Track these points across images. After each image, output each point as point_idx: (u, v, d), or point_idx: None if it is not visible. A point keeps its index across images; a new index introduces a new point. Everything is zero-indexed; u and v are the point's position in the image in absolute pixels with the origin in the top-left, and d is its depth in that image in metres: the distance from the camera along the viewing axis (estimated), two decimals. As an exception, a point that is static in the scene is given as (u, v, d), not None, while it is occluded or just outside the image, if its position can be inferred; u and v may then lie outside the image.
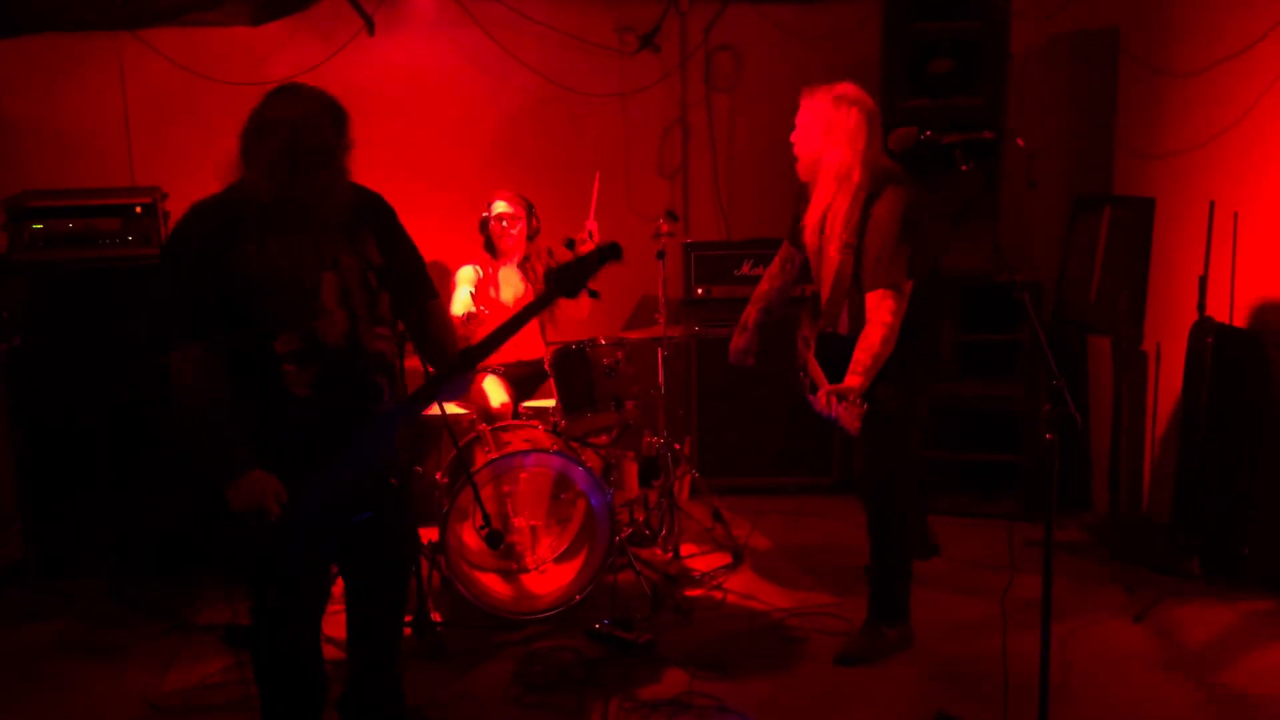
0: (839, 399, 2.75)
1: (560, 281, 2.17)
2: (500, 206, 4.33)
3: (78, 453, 3.90)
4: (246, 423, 2.24)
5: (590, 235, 4.15)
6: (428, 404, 2.29)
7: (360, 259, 2.35)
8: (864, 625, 3.32)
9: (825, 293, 3.15)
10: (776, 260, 3.44)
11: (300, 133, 2.19)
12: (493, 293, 4.31)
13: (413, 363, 2.52)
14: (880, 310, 2.91)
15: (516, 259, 4.39)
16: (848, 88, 3.02)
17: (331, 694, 2.64)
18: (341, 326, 2.30)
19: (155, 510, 3.89)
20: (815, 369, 3.12)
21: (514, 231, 4.32)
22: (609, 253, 2.16)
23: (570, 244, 2.85)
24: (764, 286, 3.46)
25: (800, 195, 3.22)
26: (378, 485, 2.45)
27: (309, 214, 2.23)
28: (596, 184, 4.28)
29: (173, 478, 3.83)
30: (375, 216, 2.44)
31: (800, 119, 3.08)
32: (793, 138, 3.12)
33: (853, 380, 2.84)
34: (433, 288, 2.52)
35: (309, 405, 2.27)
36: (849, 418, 2.74)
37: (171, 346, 2.20)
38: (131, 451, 3.89)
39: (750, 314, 3.44)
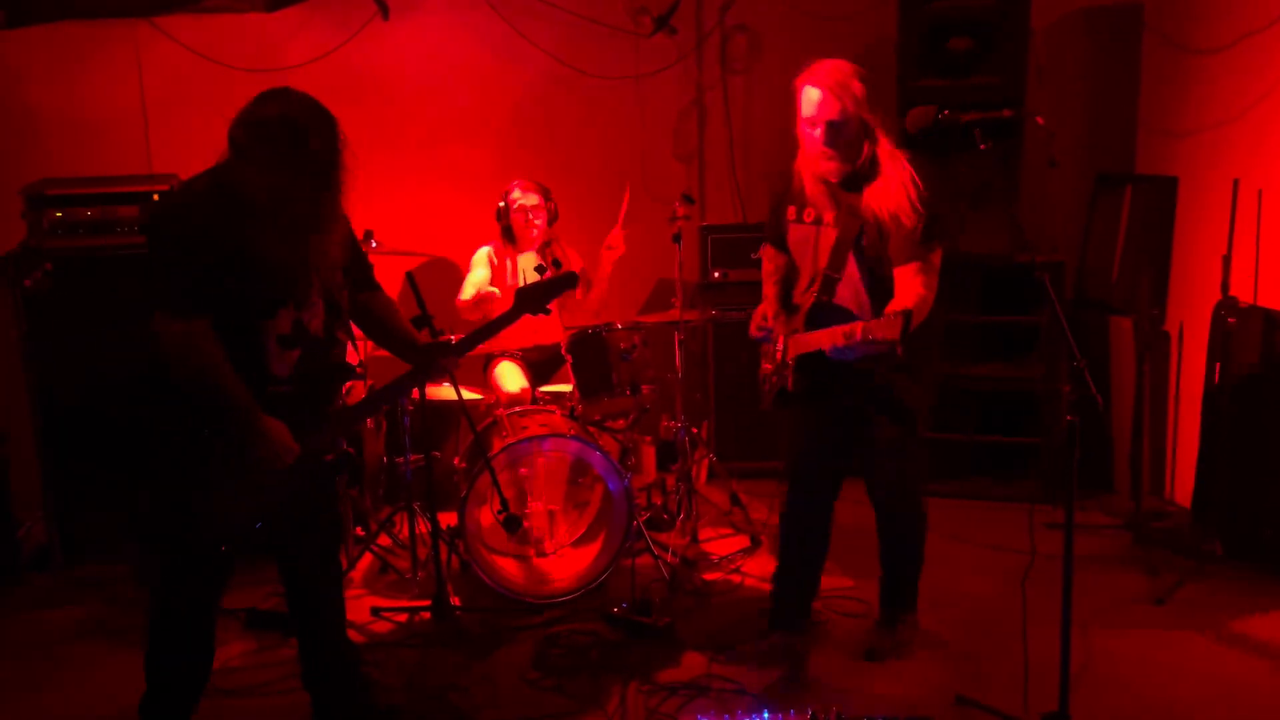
0: (865, 334, 2.59)
1: (526, 301, 2.72)
2: (524, 199, 4.28)
3: (101, 438, 3.93)
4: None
5: (610, 247, 4.23)
6: (402, 395, 2.66)
7: (334, 256, 2.47)
8: (884, 617, 3.27)
9: (816, 282, 2.96)
10: (769, 280, 3.20)
11: (306, 138, 2.27)
12: (509, 279, 4.30)
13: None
14: (915, 282, 2.78)
15: (537, 246, 4.38)
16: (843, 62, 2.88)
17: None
18: (321, 317, 2.45)
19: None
20: (812, 336, 2.89)
21: (538, 222, 4.30)
22: (566, 282, 2.78)
23: (540, 269, 2.98)
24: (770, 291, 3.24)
25: (787, 189, 3.02)
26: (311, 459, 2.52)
27: (307, 212, 2.31)
28: (627, 196, 4.28)
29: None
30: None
31: (841, 102, 2.79)
32: (828, 115, 2.79)
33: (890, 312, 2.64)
34: (376, 282, 2.70)
35: (287, 383, 2.41)
36: (890, 331, 2.54)
37: (180, 319, 2.26)
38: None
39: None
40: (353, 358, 2.68)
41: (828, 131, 2.81)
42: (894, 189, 2.82)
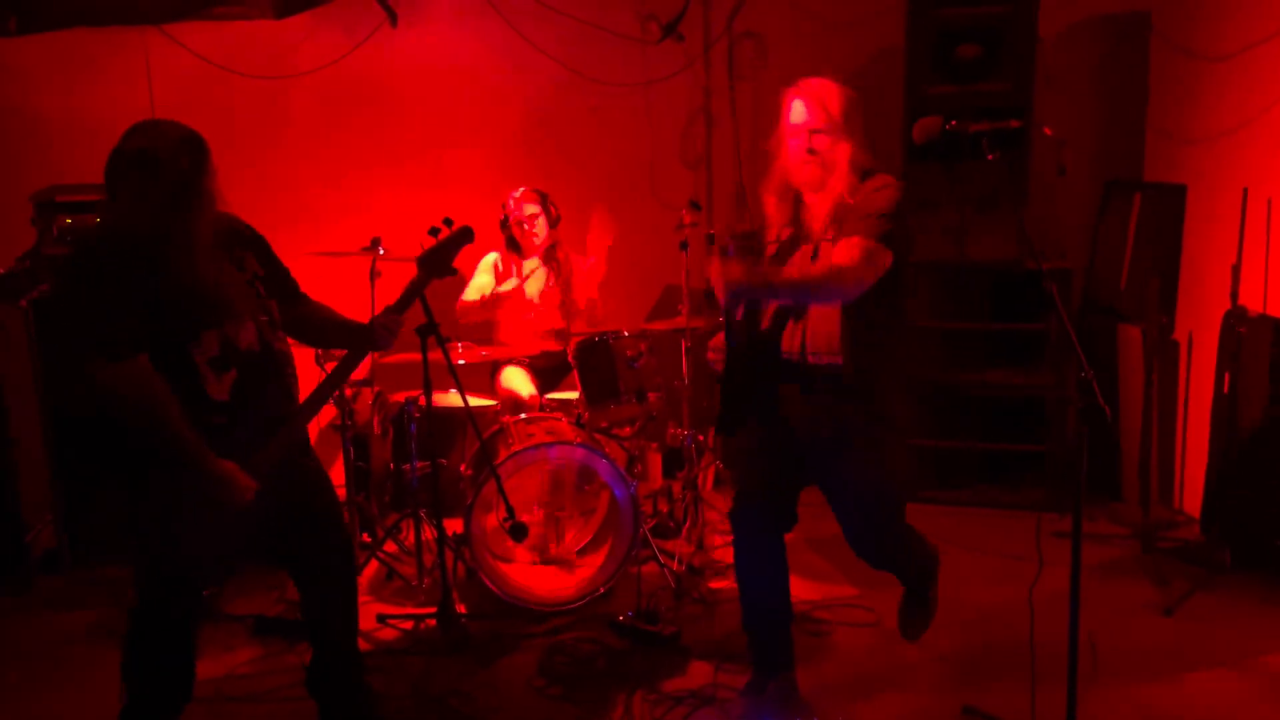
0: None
1: (429, 265, 2.69)
2: (523, 209, 4.32)
3: (107, 443, 3.93)
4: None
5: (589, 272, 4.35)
6: (349, 372, 2.64)
7: (248, 271, 2.50)
8: (909, 596, 3.14)
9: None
10: None
11: (161, 168, 2.29)
12: (513, 283, 4.32)
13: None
14: (850, 248, 2.61)
15: (541, 252, 4.40)
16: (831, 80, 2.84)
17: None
18: (252, 331, 2.44)
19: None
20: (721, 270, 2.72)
21: (538, 230, 4.33)
22: (463, 237, 2.73)
23: (434, 231, 2.87)
24: None
25: (751, 224, 2.95)
26: (294, 469, 2.53)
27: (192, 237, 2.33)
28: (595, 220, 4.33)
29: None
30: (246, 235, 2.57)
31: (827, 113, 2.76)
32: (814, 125, 2.76)
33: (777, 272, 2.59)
34: (302, 292, 2.69)
35: (228, 409, 2.38)
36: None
37: (118, 360, 2.26)
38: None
39: None
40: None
41: (813, 140, 2.79)
42: (865, 204, 2.73)
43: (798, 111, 2.82)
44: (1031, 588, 2.66)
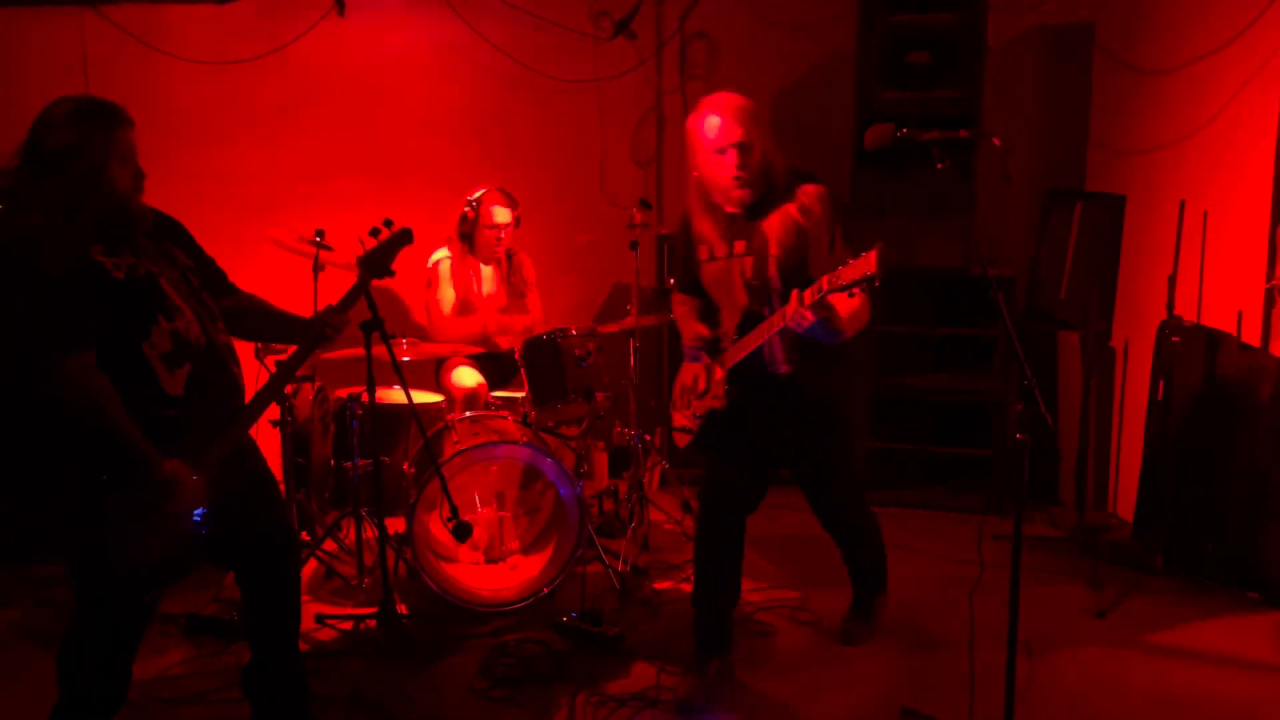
0: (831, 282, 2.56)
1: (370, 265, 2.68)
2: (499, 215, 4.16)
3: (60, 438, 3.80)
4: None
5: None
6: (294, 370, 2.60)
7: (177, 264, 2.45)
8: (857, 604, 3.36)
9: (737, 315, 2.96)
10: (688, 317, 3.14)
11: (42, 136, 2.25)
12: (475, 286, 4.24)
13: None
14: (851, 303, 2.74)
15: (500, 256, 4.29)
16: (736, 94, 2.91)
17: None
18: (195, 324, 2.39)
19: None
20: (761, 328, 2.86)
21: (508, 238, 4.23)
22: (402, 239, 2.74)
23: (374, 232, 2.87)
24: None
25: (687, 235, 3.04)
26: (238, 465, 2.48)
27: (118, 218, 2.29)
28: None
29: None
30: (170, 227, 2.52)
31: (744, 125, 2.82)
32: (733, 138, 2.80)
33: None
34: (234, 284, 2.65)
35: (182, 403, 2.34)
36: (863, 267, 2.52)
37: (65, 355, 2.20)
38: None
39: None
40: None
41: (739, 154, 2.82)
42: (795, 213, 2.84)
43: (711, 128, 2.85)
44: (972, 591, 2.70)
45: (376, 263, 2.70)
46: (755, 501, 3.11)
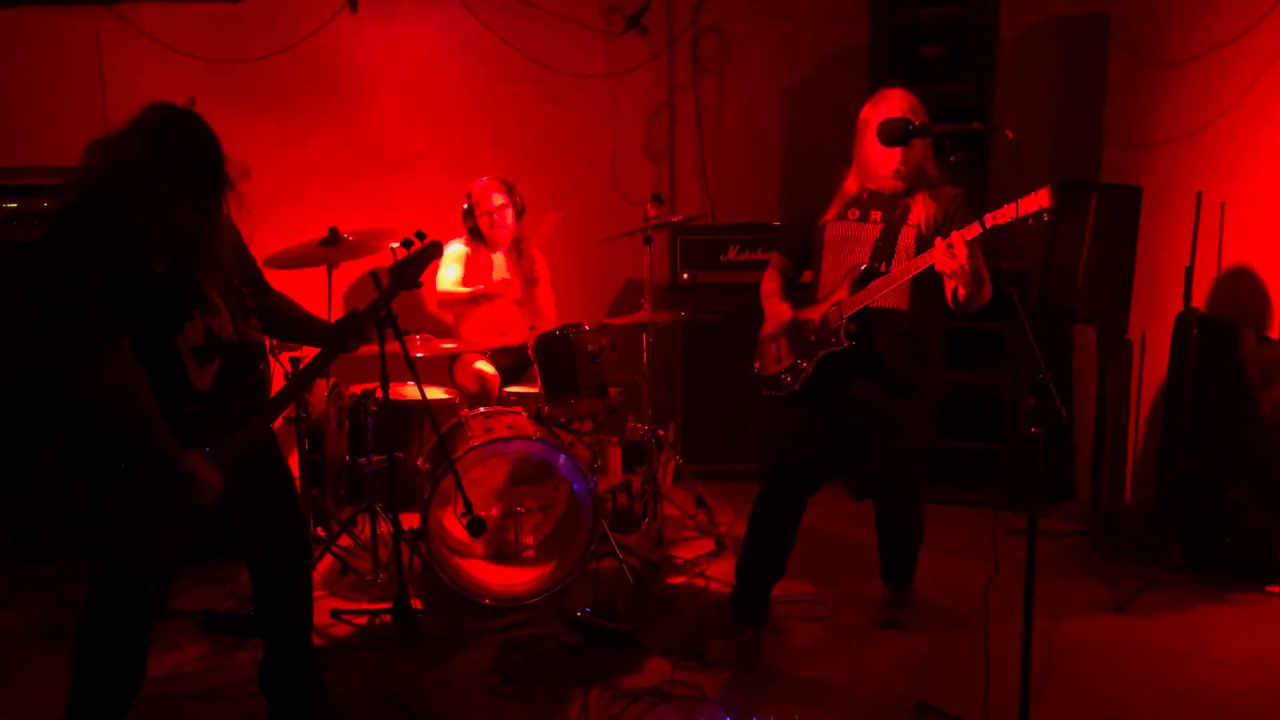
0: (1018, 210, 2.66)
1: (400, 276, 2.74)
2: (490, 199, 4.28)
3: (74, 431, 3.83)
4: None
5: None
6: (319, 373, 2.67)
7: (220, 261, 2.45)
8: (890, 590, 3.42)
9: (853, 274, 3.06)
10: (776, 280, 3.31)
11: (169, 151, 2.33)
12: (490, 275, 4.32)
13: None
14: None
15: (507, 244, 4.36)
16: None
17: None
18: (229, 321, 2.42)
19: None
20: (911, 264, 2.95)
21: (505, 221, 4.30)
22: (432, 252, 2.78)
23: (406, 243, 2.91)
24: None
25: (829, 196, 3.19)
26: (255, 460, 2.50)
27: (187, 221, 2.31)
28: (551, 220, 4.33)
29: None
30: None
31: (915, 118, 2.95)
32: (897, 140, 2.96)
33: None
34: (269, 284, 2.69)
35: (207, 398, 2.36)
36: (1039, 200, 2.63)
37: (103, 338, 2.21)
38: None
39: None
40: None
41: (904, 152, 3.00)
42: (937, 207, 3.04)
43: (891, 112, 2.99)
44: (987, 586, 2.69)
45: (406, 274, 2.76)
46: (821, 481, 3.18)
